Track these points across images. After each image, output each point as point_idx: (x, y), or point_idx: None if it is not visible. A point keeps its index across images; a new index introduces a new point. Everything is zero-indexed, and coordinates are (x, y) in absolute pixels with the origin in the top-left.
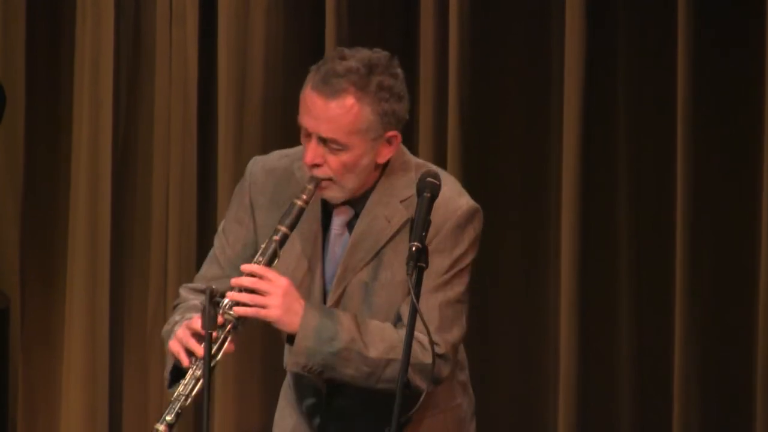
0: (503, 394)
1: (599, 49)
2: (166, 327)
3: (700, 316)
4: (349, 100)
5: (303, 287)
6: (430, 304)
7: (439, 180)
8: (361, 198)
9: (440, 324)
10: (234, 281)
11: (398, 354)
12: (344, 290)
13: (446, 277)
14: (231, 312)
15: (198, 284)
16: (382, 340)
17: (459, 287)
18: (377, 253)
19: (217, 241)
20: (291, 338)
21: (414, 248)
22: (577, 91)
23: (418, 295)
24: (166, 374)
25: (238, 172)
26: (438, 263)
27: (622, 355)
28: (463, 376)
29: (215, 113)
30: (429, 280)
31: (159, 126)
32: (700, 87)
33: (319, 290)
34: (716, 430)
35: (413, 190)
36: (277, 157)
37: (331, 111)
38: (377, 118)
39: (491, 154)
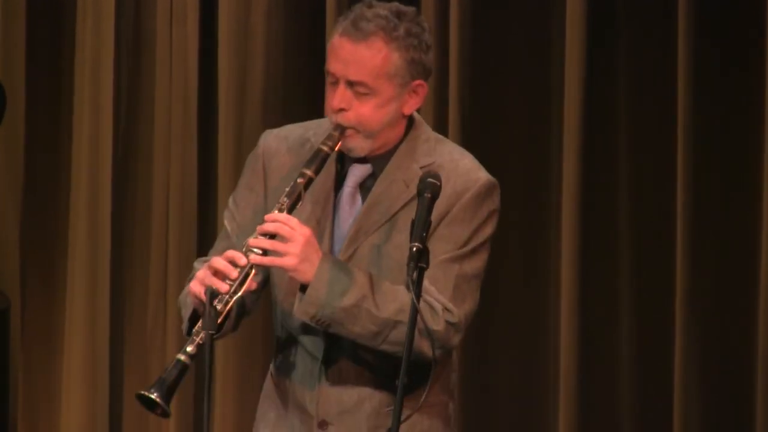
0: (504, 394)
1: (600, 51)
2: (182, 293)
3: (700, 317)
4: (378, 43)
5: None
6: (447, 274)
7: (440, 181)
8: (381, 157)
9: (454, 295)
10: (260, 228)
11: (407, 317)
12: (355, 252)
13: (465, 249)
14: (252, 251)
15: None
16: (393, 300)
17: (477, 262)
18: (392, 217)
19: (227, 212)
20: (304, 288)
21: (414, 249)
22: (578, 93)
23: (418, 296)
24: (185, 322)
25: (239, 173)
26: (458, 232)
27: (622, 356)
28: (454, 377)
29: (215, 114)
30: (448, 249)
31: (159, 126)
32: (701, 90)
33: (327, 250)
34: (716, 431)
35: (433, 158)
36: (292, 127)
37: (360, 53)
38: (405, 64)
39: (491, 155)
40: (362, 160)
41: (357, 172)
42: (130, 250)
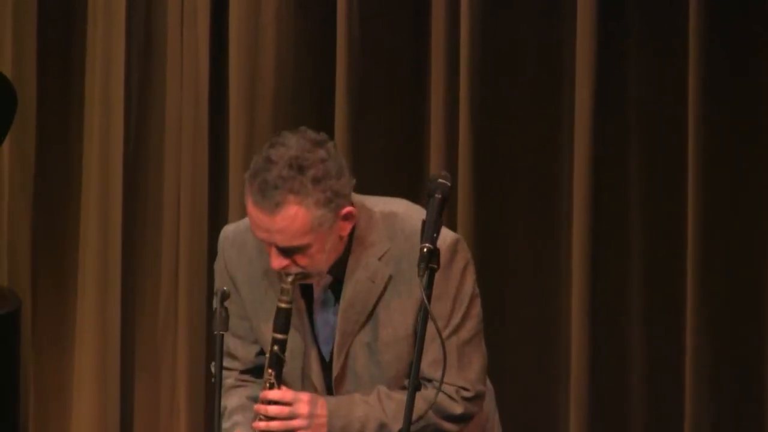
0: (515, 395)
1: (610, 52)
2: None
3: (711, 319)
4: (292, 209)
5: (304, 361)
6: (448, 349)
7: (450, 180)
8: (337, 263)
9: (461, 366)
10: (257, 408)
11: (428, 420)
12: (347, 353)
13: (455, 321)
14: None
15: (224, 360)
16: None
17: (470, 322)
18: (371, 314)
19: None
20: None
21: (425, 249)
22: (588, 94)
23: (429, 297)
24: None
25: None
26: (441, 308)
27: (633, 358)
28: (488, 398)
29: (226, 114)
30: (439, 325)
31: (170, 127)
32: (712, 90)
33: (316, 359)
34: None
35: (386, 245)
36: (245, 228)
37: (278, 224)
38: (324, 209)
39: (501, 157)
40: None
41: (320, 282)
42: (141, 250)
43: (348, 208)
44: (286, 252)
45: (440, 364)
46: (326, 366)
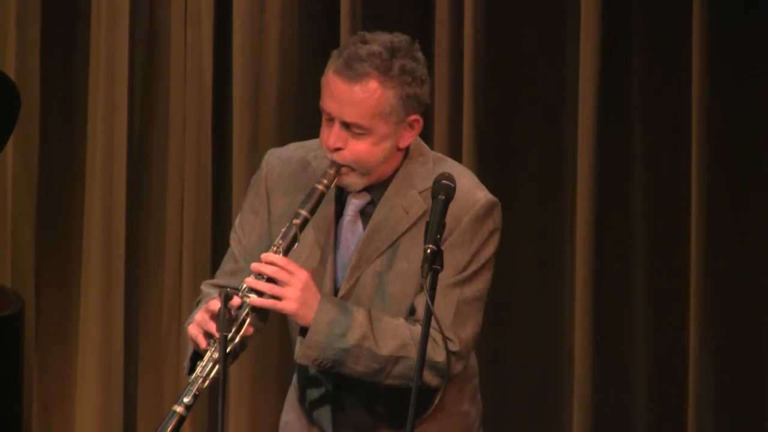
0: (519, 400)
1: (614, 54)
2: (188, 322)
3: (714, 318)
4: (373, 84)
5: (316, 276)
6: (448, 299)
7: (454, 182)
8: (379, 185)
9: (455, 320)
10: (254, 266)
11: (408, 352)
12: (357, 280)
13: (466, 273)
14: (249, 295)
15: (218, 280)
16: (393, 337)
17: (478, 284)
18: (393, 243)
19: (233, 234)
20: (304, 331)
21: (429, 251)
22: (592, 96)
23: (433, 298)
24: (186, 361)
25: (253, 173)
26: (458, 257)
27: (636, 359)
28: (474, 382)
29: (230, 115)
30: (448, 274)
31: (174, 127)
32: (715, 92)
33: (330, 279)
34: None
35: (430, 182)
36: (294, 147)
37: (355, 95)
38: (400, 101)
39: (506, 159)
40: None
41: (356, 201)
42: (144, 250)
43: (416, 116)
44: (348, 128)
45: (438, 309)
46: (336, 288)
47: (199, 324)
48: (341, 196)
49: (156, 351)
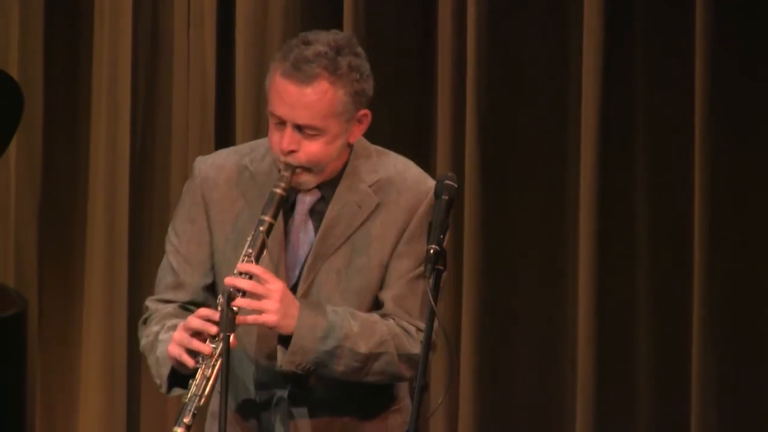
0: (521, 403)
1: (617, 56)
2: (146, 339)
3: (717, 320)
4: (323, 84)
5: None
6: (414, 291)
7: (456, 182)
8: (329, 182)
9: (422, 312)
10: (228, 281)
11: (387, 348)
12: (314, 279)
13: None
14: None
15: (163, 295)
16: (372, 334)
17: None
18: (348, 239)
19: (168, 245)
20: (282, 339)
21: (432, 251)
22: (595, 98)
23: (436, 299)
24: (163, 380)
25: None
26: (419, 248)
27: (640, 360)
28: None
29: (233, 116)
30: (410, 265)
31: (177, 128)
32: (718, 93)
33: (283, 279)
34: None
35: (378, 175)
36: (225, 154)
37: (307, 97)
38: (350, 98)
39: (509, 161)
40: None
41: (306, 199)
42: (147, 251)
43: (365, 111)
44: (301, 131)
45: (404, 300)
46: (294, 289)
47: (180, 343)
48: (289, 196)
49: None
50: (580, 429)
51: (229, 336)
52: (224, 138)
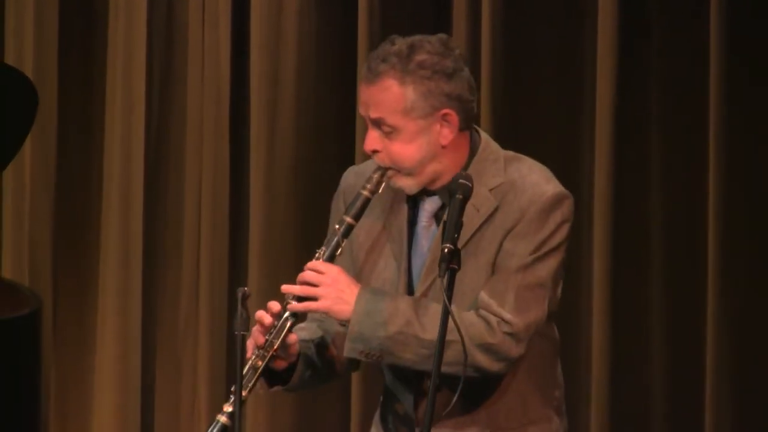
0: None
1: (631, 55)
2: None
3: (732, 319)
4: (388, 81)
5: (390, 285)
6: (509, 285)
7: (471, 182)
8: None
9: (516, 305)
10: (284, 288)
11: (455, 335)
12: (432, 281)
13: (528, 259)
14: (291, 302)
15: None
16: (438, 321)
17: (541, 271)
18: (466, 243)
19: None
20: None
21: (446, 250)
22: (610, 97)
23: (450, 298)
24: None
25: (271, 173)
26: (521, 246)
27: (654, 359)
28: (558, 394)
29: (248, 114)
30: (511, 264)
31: (191, 126)
32: (733, 94)
33: (403, 286)
34: None
35: (501, 179)
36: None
37: (375, 94)
38: (420, 97)
39: (523, 153)
40: (430, 193)
41: (428, 207)
42: (162, 250)
43: (448, 111)
44: (379, 127)
45: (495, 291)
46: (410, 291)
47: (252, 335)
48: (415, 203)
49: (173, 350)
50: (594, 426)
51: (244, 336)
52: (239, 137)
